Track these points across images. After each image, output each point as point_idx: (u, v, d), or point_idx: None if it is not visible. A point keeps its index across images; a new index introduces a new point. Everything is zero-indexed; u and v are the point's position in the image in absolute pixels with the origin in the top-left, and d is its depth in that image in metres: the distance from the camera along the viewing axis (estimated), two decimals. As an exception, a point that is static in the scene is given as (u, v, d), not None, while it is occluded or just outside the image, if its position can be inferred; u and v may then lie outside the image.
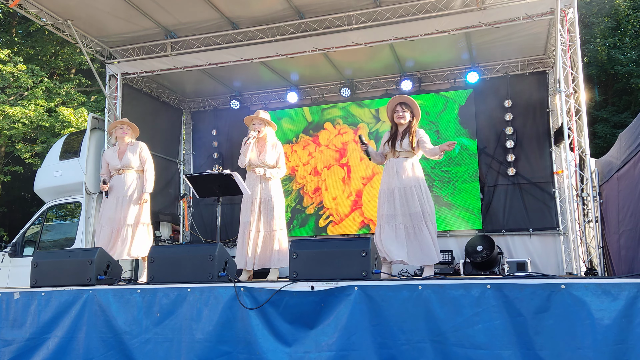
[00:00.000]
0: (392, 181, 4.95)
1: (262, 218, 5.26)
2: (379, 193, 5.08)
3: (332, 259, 3.53)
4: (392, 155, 5.03)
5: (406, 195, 4.87)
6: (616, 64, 15.91)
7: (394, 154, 5.01)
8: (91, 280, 4.05)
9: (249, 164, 5.36)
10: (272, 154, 5.38)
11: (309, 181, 8.91)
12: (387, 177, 5.03)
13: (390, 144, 5.06)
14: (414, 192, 4.86)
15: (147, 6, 6.99)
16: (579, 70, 6.37)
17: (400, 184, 4.89)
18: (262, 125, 5.43)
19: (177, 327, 3.64)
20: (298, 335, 3.40)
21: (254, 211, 5.26)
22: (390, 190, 4.93)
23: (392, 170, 4.98)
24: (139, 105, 8.61)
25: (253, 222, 5.24)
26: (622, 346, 2.83)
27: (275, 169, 5.38)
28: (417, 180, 4.92)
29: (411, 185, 4.88)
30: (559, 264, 7.59)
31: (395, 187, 4.91)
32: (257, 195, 5.27)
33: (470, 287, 3.15)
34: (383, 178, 5.09)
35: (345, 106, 8.94)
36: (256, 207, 5.26)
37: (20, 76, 13.12)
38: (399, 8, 6.87)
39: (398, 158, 4.98)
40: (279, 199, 5.37)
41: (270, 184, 5.33)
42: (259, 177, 5.30)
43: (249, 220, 5.25)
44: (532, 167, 7.94)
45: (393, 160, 5.01)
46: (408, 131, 5.03)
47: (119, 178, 5.81)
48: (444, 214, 8.15)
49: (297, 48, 7.30)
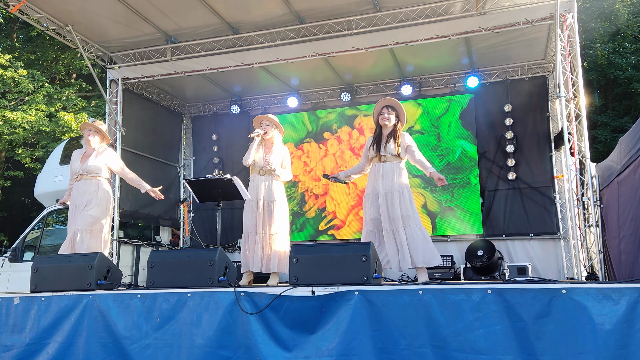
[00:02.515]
0: (376, 185, 4.89)
1: (266, 220, 5.23)
2: (364, 198, 5.02)
3: (332, 263, 3.53)
4: (378, 160, 4.96)
5: (392, 200, 4.80)
6: (616, 69, 15.94)
7: (379, 158, 4.95)
8: (91, 285, 4.04)
9: (253, 164, 5.33)
10: (278, 156, 5.33)
11: (312, 186, 8.91)
12: (372, 181, 4.97)
13: (375, 147, 4.99)
14: (397, 196, 4.80)
15: (147, 11, 7.01)
16: (578, 74, 6.38)
17: (384, 188, 4.84)
18: (270, 127, 5.40)
19: (177, 332, 3.63)
20: (298, 340, 3.39)
21: (258, 213, 5.22)
22: (375, 194, 4.89)
23: (377, 174, 4.92)
24: (140, 110, 8.64)
25: (258, 224, 5.20)
26: (623, 351, 2.82)
27: (282, 170, 5.35)
28: (400, 186, 4.85)
29: (394, 190, 4.82)
30: (559, 269, 7.57)
31: (379, 191, 4.86)
32: (261, 197, 5.24)
33: (471, 292, 3.14)
34: (368, 182, 5.02)
35: (341, 111, 8.96)
36: (260, 210, 5.22)
37: (21, 81, 13.15)
38: (399, 13, 6.89)
39: (384, 163, 4.92)
40: (282, 202, 5.33)
41: (274, 187, 5.28)
42: (263, 180, 5.27)
43: (253, 223, 5.21)
44: (533, 172, 7.94)
45: (379, 165, 4.95)
46: (393, 135, 4.97)
47: (76, 185, 5.40)
48: (445, 218, 8.14)
49: (298, 53, 7.32)
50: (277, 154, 5.34)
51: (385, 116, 5.01)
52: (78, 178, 5.40)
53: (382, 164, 4.93)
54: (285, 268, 5.19)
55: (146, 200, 8.68)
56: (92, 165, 5.38)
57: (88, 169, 5.36)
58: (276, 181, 5.33)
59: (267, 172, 5.29)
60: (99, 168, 5.40)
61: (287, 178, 5.44)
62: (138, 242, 8.44)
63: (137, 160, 8.47)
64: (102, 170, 5.43)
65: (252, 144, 5.33)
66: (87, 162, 5.39)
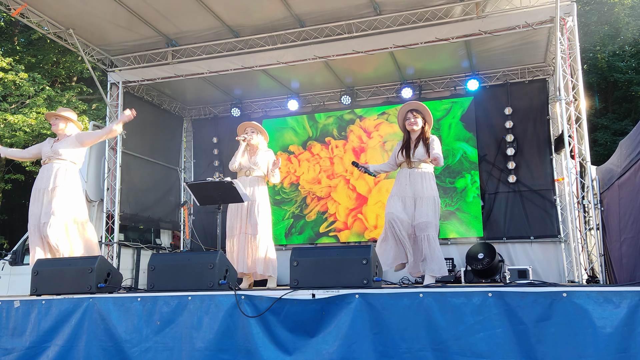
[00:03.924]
0: (405, 190, 4.82)
1: (248, 221, 5.29)
2: (390, 198, 4.92)
3: (333, 266, 3.52)
4: (407, 165, 4.89)
5: (421, 205, 4.74)
6: (616, 72, 15.95)
7: (409, 164, 4.87)
8: (91, 289, 4.03)
9: (239, 168, 5.44)
10: (264, 158, 5.44)
11: (313, 189, 8.90)
12: (399, 185, 4.89)
13: (404, 152, 4.91)
14: (425, 203, 4.75)
15: (148, 15, 7.02)
16: (579, 77, 6.39)
17: (412, 193, 4.79)
18: (255, 133, 5.53)
19: (177, 335, 3.62)
20: (299, 344, 3.38)
21: (241, 215, 5.30)
22: (402, 198, 4.81)
23: (405, 179, 4.85)
24: (140, 113, 8.54)
25: (241, 225, 5.28)
26: (624, 354, 2.81)
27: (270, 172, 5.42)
28: (429, 192, 4.80)
29: (423, 196, 4.76)
30: (560, 272, 7.56)
31: (407, 196, 4.80)
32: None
33: (471, 295, 3.14)
34: (396, 185, 4.94)
35: (340, 115, 8.97)
36: (244, 212, 5.30)
37: (22, 84, 13.17)
38: (399, 16, 6.90)
39: (412, 168, 4.85)
40: (265, 204, 5.39)
41: (256, 189, 5.36)
42: (249, 181, 5.35)
43: (236, 225, 5.30)
44: (533, 175, 7.94)
45: (407, 170, 4.88)
46: (422, 138, 4.90)
47: (44, 168, 5.17)
48: (445, 221, 8.14)
49: (298, 56, 7.33)
50: (263, 156, 5.45)
51: (412, 121, 4.93)
52: (46, 161, 5.18)
53: (410, 169, 4.86)
54: (269, 270, 5.24)
55: (147, 203, 8.70)
56: (62, 149, 5.16)
57: (58, 152, 5.15)
58: (261, 185, 5.42)
59: (252, 174, 5.39)
60: (69, 152, 5.18)
61: (276, 180, 5.49)
62: (138, 245, 8.44)
63: (137, 163, 8.47)
64: (72, 156, 5.21)
65: (238, 149, 5.45)
66: (57, 145, 5.21)
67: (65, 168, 5.15)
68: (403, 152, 4.93)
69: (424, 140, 4.89)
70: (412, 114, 4.95)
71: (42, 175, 5.16)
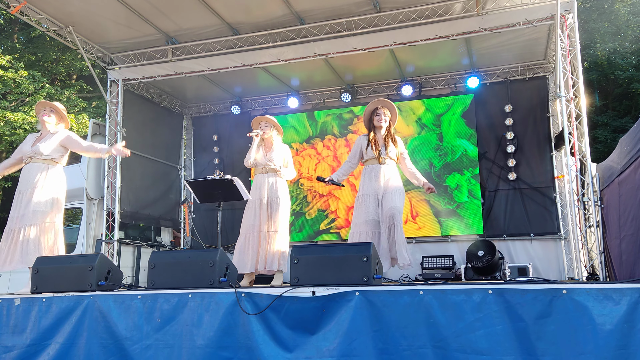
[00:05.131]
0: (376, 186, 4.88)
1: (268, 218, 5.18)
2: (360, 199, 4.97)
3: (333, 264, 3.53)
4: (377, 162, 4.94)
5: (392, 197, 4.82)
6: (616, 69, 15.94)
7: (380, 160, 4.94)
8: (92, 286, 4.04)
9: (255, 164, 5.30)
10: (279, 153, 5.32)
11: (315, 187, 8.90)
12: (369, 182, 4.94)
13: (374, 149, 4.95)
14: (397, 194, 4.85)
15: (148, 12, 7.01)
16: (579, 75, 6.38)
17: (385, 189, 4.85)
18: (269, 127, 5.39)
19: (178, 333, 3.63)
20: (299, 341, 3.39)
21: (262, 212, 5.17)
22: (375, 195, 4.87)
23: (376, 175, 4.91)
24: (140, 111, 8.65)
25: (262, 223, 5.15)
26: (624, 352, 2.82)
27: (284, 168, 5.33)
28: (399, 186, 4.92)
29: (394, 190, 4.85)
30: (560, 269, 7.57)
31: (379, 192, 4.86)
32: (265, 195, 5.20)
33: (471, 293, 3.14)
34: (364, 183, 4.98)
35: (338, 113, 8.97)
36: (264, 209, 5.18)
37: (22, 82, 13.17)
38: (399, 13, 6.89)
39: (384, 165, 4.93)
40: (285, 200, 5.29)
41: (277, 186, 5.25)
42: (267, 178, 5.24)
43: (255, 222, 5.16)
44: (533, 172, 7.94)
45: (377, 167, 4.93)
46: (391, 137, 4.99)
47: (25, 168, 4.92)
48: (445, 219, 8.14)
49: (298, 53, 7.32)
50: (279, 152, 5.33)
51: (382, 117, 5.00)
52: (27, 161, 4.91)
53: (382, 165, 4.92)
54: (284, 266, 5.16)
55: (147, 201, 8.70)
56: (45, 147, 4.86)
57: (39, 151, 4.84)
58: (280, 179, 5.30)
59: (269, 170, 5.27)
60: (52, 151, 4.90)
61: (291, 176, 5.41)
62: (139, 242, 8.44)
63: (137, 161, 8.47)
64: (55, 154, 4.93)
65: (252, 145, 5.32)
66: (39, 144, 4.88)
67: (47, 168, 4.89)
68: (373, 148, 4.96)
69: (393, 139, 4.99)
70: (382, 111, 5.03)
71: (23, 177, 4.91)
